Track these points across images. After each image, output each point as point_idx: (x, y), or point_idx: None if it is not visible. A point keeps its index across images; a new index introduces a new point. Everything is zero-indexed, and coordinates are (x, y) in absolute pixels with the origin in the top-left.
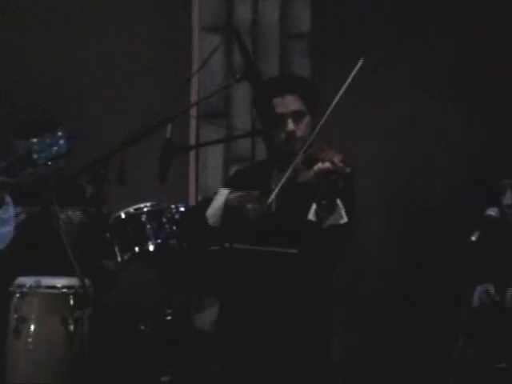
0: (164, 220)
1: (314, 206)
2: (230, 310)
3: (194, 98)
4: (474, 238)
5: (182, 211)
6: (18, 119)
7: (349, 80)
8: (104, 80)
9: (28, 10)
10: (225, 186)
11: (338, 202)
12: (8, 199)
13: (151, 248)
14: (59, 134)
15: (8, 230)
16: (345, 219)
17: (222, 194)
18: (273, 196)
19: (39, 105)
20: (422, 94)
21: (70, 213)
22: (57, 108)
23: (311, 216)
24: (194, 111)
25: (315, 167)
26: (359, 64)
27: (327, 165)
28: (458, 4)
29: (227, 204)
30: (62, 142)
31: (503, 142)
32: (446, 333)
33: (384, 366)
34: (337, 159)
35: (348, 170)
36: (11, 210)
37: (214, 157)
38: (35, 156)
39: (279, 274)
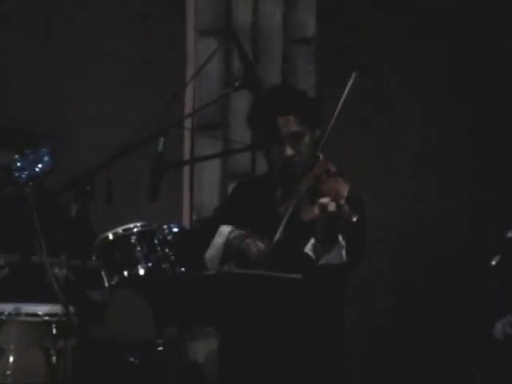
0: (155, 242)
1: (312, 240)
2: (230, 341)
3: (188, 107)
4: (494, 263)
5: (174, 232)
6: None
7: (344, 96)
8: (90, 88)
9: (9, 18)
10: (228, 200)
11: (340, 238)
12: None
13: (141, 272)
14: (43, 150)
15: None
16: (343, 259)
17: (222, 235)
18: (278, 235)
19: (20, 115)
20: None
21: (56, 271)
22: (36, 118)
23: (308, 250)
24: (188, 122)
25: (319, 203)
26: (353, 77)
27: (332, 207)
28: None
29: (228, 245)
30: (46, 158)
31: None
32: (462, 366)
33: None
34: (344, 190)
35: (354, 218)
36: None
37: (211, 173)
38: (16, 174)
39: (282, 301)
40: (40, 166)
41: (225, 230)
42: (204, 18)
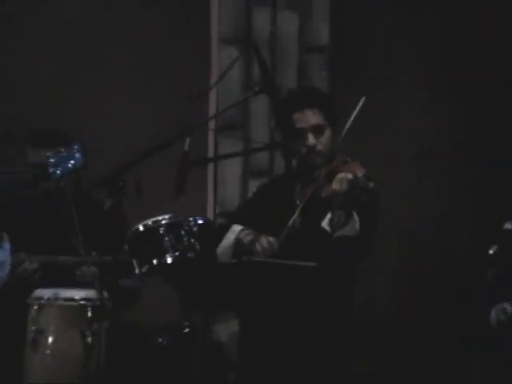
0: (182, 233)
1: (328, 215)
2: (249, 324)
3: (212, 110)
4: (491, 252)
5: (199, 224)
6: (31, 130)
7: (352, 118)
8: (121, 93)
9: (35, 22)
10: (248, 202)
11: (354, 215)
12: (6, 242)
13: (169, 260)
14: (75, 147)
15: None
16: (357, 231)
17: (234, 232)
18: (293, 219)
19: (55, 116)
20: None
21: (84, 269)
22: (73, 120)
23: (324, 224)
24: (212, 124)
25: (337, 176)
26: (361, 102)
27: (350, 176)
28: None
29: (238, 243)
30: (78, 155)
31: None
32: (463, 355)
33: None
34: (359, 172)
35: (371, 184)
36: (7, 253)
37: (232, 170)
38: (51, 169)
39: (297, 288)
40: (72, 161)
41: (236, 228)
42: (226, 29)
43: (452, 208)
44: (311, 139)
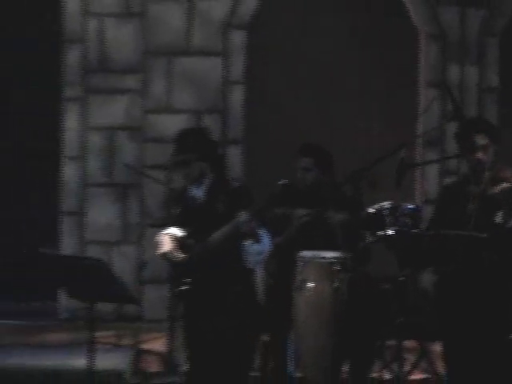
0: (398, 214)
1: (500, 213)
2: (444, 276)
3: (419, 131)
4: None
5: (410, 208)
6: (302, 143)
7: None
8: (362, 118)
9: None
10: (440, 194)
11: None
12: (265, 237)
13: (390, 232)
14: None
15: (257, 260)
16: None
17: None
18: (473, 208)
19: (317, 132)
20: None
21: (338, 216)
22: (330, 135)
23: (498, 219)
24: (419, 141)
25: (499, 187)
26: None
27: (509, 185)
28: None
29: None
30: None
31: None
32: None
33: None
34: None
35: None
36: (265, 247)
37: (433, 171)
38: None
39: (474, 251)
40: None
41: None
42: (429, 76)
43: None
44: (479, 155)
